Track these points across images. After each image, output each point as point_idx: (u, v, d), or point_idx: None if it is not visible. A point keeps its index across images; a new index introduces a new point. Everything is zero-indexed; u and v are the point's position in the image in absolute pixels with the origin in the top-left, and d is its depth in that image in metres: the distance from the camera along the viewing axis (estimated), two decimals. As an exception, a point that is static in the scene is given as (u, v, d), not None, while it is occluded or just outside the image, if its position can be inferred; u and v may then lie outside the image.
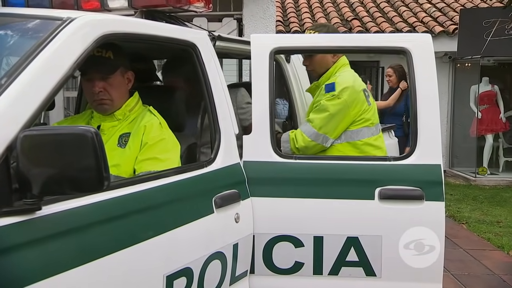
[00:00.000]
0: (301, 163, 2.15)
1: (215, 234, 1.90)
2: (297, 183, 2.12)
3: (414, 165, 2.13)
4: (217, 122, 2.06)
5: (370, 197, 2.07)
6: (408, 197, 2.09)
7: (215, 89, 2.07)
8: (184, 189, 1.79)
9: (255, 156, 2.15)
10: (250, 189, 2.12)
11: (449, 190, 7.67)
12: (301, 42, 2.35)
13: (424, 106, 2.21)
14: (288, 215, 2.11)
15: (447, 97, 9.24)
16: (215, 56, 2.13)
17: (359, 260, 2.12)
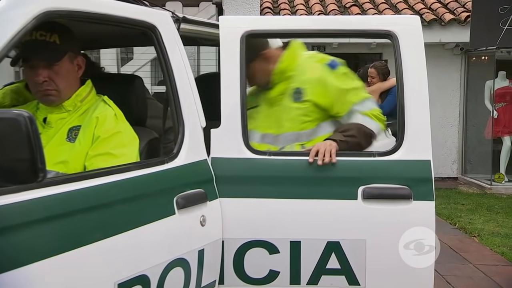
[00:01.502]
0: (275, 159, 2.20)
1: (177, 238, 1.95)
2: (271, 182, 2.15)
3: (401, 161, 2.21)
4: (180, 113, 2.11)
5: (352, 196, 2.12)
6: (395, 196, 2.15)
7: (179, 76, 2.13)
8: (140, 187, 1.83)
9: (224, 152, 2.20)
10: (219, 189, 2.17)
11: (461, 199, 7.77)
12: (278, 24, 2.42)
13: (412, 96, 2.27)
14: (261, 218, 2.16)
15: (459, 94, 9.38)
16: (180, 41, 2.18)
17: (341, 267, 2.15)
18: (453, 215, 6.74)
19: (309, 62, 2.44)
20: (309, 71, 2.41)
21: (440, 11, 9.02)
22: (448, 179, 9.44)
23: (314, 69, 2.41)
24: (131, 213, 1.77)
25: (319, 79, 2.37)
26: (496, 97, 8.55)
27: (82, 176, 1.69)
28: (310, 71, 2.40)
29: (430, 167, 2.25)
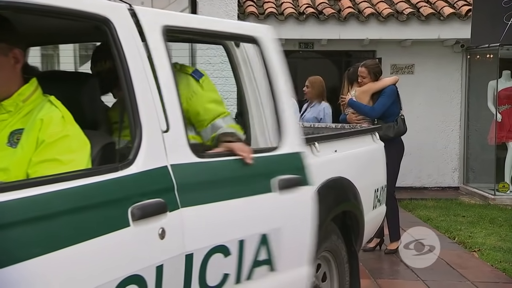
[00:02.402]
0: (212, 162, 2.44)
1: (132, 253, 1.96)
2: (217, 184, 2.40)
3: (288, 154, 2.81)
4: (137, 115, 2.12)
5: (270, 189, 2.60)
6: (294, 185, 2.73)
7: (136, 75, 2.14)
8: (88, 197, 1.84)
9: (181, 157, 2.26)
10: (181, 198, 2.20)
11: (462, 211, 7.86)
12: (193, 22, 2.55)
13: (282, 98, 2.86)
14: (216, 222, 2.35)
15: (460, 96, 9.50)
16: (138, 36, 2.20)
17: (267, 257, 2.57)
18: (452, 228, 6.81)
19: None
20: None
21: (438, 4, 9.14)
22: (448, 189, 9.54)
23: (181, 78, 2.69)
24: (78, 225, 1.78)
25: (187, 88, 2.71)
26: (500, 99, 8.67)
27: (22, 184, 1.70)
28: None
29: (302, 158, 2.87)
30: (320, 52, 9.94)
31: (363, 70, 5.71)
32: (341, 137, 3.72)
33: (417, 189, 9.49)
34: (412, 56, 9.41)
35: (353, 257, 3.64)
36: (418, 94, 9.42)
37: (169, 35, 2.34)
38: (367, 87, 5.69)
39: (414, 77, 9.45)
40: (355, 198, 3.56)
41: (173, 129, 2.26)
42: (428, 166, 9.54)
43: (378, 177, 4.15)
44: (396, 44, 9.37)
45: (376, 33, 8.94)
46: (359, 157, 3.89)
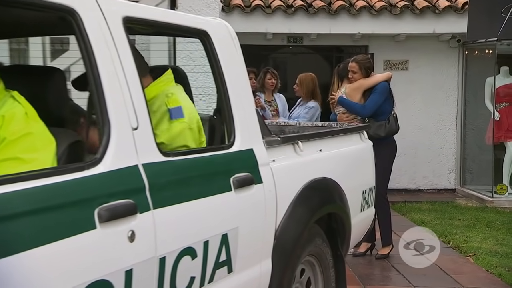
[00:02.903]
0: (179, 160, 2.48)
1: (98, 257, 1.97)
2: (186, 184, 2.47)
3: (241, 152, 2.87)
4: (105, 111, 2.13)
5: (229, 188, 2.69)
6: (247, 183, 2.80)
7: (104, 68, 2.15)
8: (51, 197, 1.85)
9: (149, 156, 2.28)
10: (153, 199, 2.21)
11: (458, 214, 7.92)
12: (151, 14, 2.56)
13: (233, 90, 2.92)
14: (186, 223, 2.41)
15: (456, 94, 9.57)
16: (106, 28, 2.21)
17: (226, 258, 2.65)
18: (447, 232, 6.85)
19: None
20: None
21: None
22: (444, 191, 9.61)
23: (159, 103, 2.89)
24: (39, 227, 1.78)
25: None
26: (498, 96, 8.73)
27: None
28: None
29: (254, 155, 2.94)
30: (309, 47, 9.97)
31: (353, 65, 5.72)
32: (327, 136, 3.75)
33: (411, 191, 9.55)
34: (406, 52, 9.47)
35: (339, 261, 3.67)
36: (412, 92, 9.48)
37: (129, 26, 2.35)
38: (358, 84, 5.72)
39: (408, 73, 9.51)
40: (341, 200, 3.59)
41: (143, 127, 2.28)
42: (423, 167, 9.60)
43: (366, 178, 4.18)
44: (390, 39, 9.43)
45: (368, 27, 8.98)
46: (345, 156, 3.92)
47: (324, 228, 3.56)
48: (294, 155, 3.29)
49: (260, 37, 9.26)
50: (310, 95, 6.37)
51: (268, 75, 6.72)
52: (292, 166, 3.25)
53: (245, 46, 10.75)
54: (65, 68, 7.42)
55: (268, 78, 6.70)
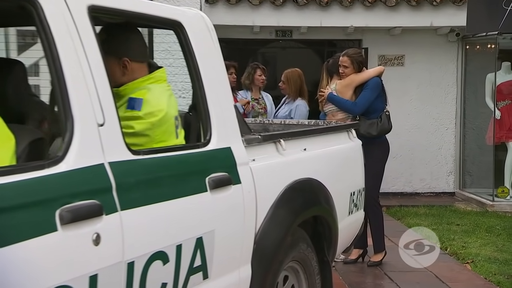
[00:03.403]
0: (148, 159, 2.49)
1: (60, 261, 1.97)
2: (156, 184, 2.47)
3: (217, 150, 2.89)
4: (68, 105, 2.13)
5: (203, 189, 2.70)
6: (223, 183, 2.82)
7: (67, 60, 2.15)
8: (8, 197, 1.84)
9: (116, 154, 2.29)
10: (120, 200, 2.22)
11: (456, 219, 7.96)
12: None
13: (209, 85, 2.94)
14: (157, 226, 2.42)
15: (455, 91, 9.63)
16: (69, 18, 2.22)
17: (201, 263, 2.66)
18: (444, 237, 6.89)
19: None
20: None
21: (431, -12, 9.23)
22: (443, 195, 9.66)
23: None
24: (-5, 229, 1.78)
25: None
26: (499, 94, 8.78)
27: None
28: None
29: (232, 153, 2.95)
30: (299, 41, 10.00)
31: (344, 60, 5.73)
32: (312, 134, 3.76)
33: (408, 195, 9.60)
34: (402, 46, 9.51)
35: (326, 268, 3.68)
36: (408, 89, 9.52)
37: (96, 16, 2.36)
38: (349, 80, 5.73)
39: (404, 69, 9.55)
40: (327, 202, 3.60)
41: (109, 122, 2.28)
42: (420, 169, 9.65)
43: (354, 179, 4.20)
44: (384, 33, 9.46)
45: (362, 20, 9.01)
46: (332, 156, 3.94)
47: (309, 232, 3.57)
48: (276, 154, 3.30)
49: (247, 30, 9.27)
50: (297, 93, 6.37)
51: (258, 71, 6.71)
52: (273, 166, 3.26)
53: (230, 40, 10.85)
54: (35, 61, 7.38)
55: (258, 74, 6.70)
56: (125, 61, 2.85)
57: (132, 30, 2.94)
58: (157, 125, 2.77)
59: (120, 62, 2.84)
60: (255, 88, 6.76)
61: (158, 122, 2.77)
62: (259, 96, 6.75)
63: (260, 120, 5.12)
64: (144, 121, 2.73)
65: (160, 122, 2.78)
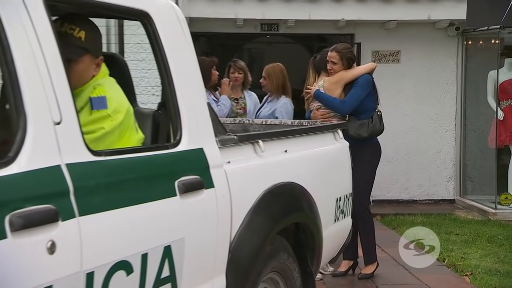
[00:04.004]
0: (111, 160, 2.49)
1: (10, 271, 1.95)
2: (119, 187, 2.47)
3: (188, 151, 2.89)
4: (20, 101, 2.13)
5: (172, 193, 2.71)
6: (195, 187, 2.83)
7: (19, 52, 2.15)
8: None
9: (74, 155, 2.29)
10: (79, 204, 2.22)
11: (456, 228, 8.01)
12: None
13: (180, 81, 2.94)
14: (120, 233, 2.41)
15: (455, 89, 9.69)
16: (22, 7, 2.21)
17: (170, 274, 2.65)
18: (442, 248, 6.92)
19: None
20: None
21: (429, -22, 9.29)
22: (442, 202, 9.71)
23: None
24: None
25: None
26: (502, 93, 8.83)
27: None
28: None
29: (205, 155, 2.96)
30: (286, 35, 10.03)
31: (333, 55, 5.75)
32: (293, 135, 3.77)
33: (404, 203, 9.64)
34: (397, 41, 9.58)
35: (309, 279, 3.69)
36: (404, 87, 9.58)
37: (52, 5, 2.35)
38: (338, 77, 5.75)
39: (400, 66, 9.61)
40: (309, 208, 3.61)
41: (67, 121, 2.27)
42: (417, 175, 9.69)
43: (341, 184, 4.21)
44: (378, 27, 9.51)
45: (354, 13, 9.06)
46: (316, 159, 3.94)
47: (290, 240, 3.58)
48: (254, 156, 3.31)
49: (229, 23, 9.29)
50: (280, 90, 6.35)
51: (231, 69, 6.71)
52: (251, 168, 3.27)
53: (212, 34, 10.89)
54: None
55: (231, 73, 6.69)
56: (100, 60, 2.91)
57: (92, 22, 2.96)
58: (124, 121, 2.81)
59: (96, 61, 2.90)
60: (235, 87, 6.76)
61: (124, 118, 2.81)
62: (241, 95, 6.74)
63: (240, 120, 5.12)
64: (113, 119, 2.77)
65: (126, 117, 2.82)
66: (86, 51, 2.85)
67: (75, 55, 2.78)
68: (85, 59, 2.85)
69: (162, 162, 2.78)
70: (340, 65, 5.74)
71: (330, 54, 5.77)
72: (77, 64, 2.80)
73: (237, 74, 6.68)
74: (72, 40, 2.78)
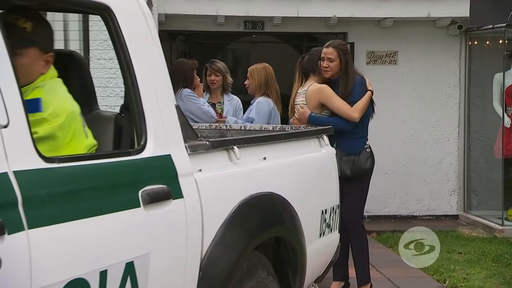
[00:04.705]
0: (66, 167, 2.48)
1: None
2: (75, 198, 2.45)
3: (154, 158, 2.89)
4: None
5: (136, 204, 2.70)
6: (161, 198, 2.81)
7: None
8: None
9: (23, 162, 2.27)
10: (28, 216, 2.21)
11: (459, 246, 8.02)
12: None
13: (145, 81, 2.95)
14: (75, 248, 2.39)
15: (458, 94, 9.71)
16: None
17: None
18: (443, 268, 6.93)
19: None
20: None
21: (428, -28, 9.33)
22: (444, 218, 9.72)
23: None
24: None
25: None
26: (509, 97, 8.86)
27: None
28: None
29: (173, 162, 2.96)
30: (272, 34, 10.05)
31: (330, 51, 5.66)
32: (273, 140, 3.77)
33: (402, 219, 9.64)
34: (394, 41, 9.62)
35: (291, 301, 3.69)
36: (402, 92, 9.61)
37: None
38: (319, 91, 5.64)
39: (397, 68, 9.65)
40: (291, 221, 3.61)
41: (15, 124, 2.26)
42: (417, 188, 9.71)
43: (327, 195, 4.21)
44: (374, 25, 9.56)
45: (347, 9, 9.08)
46: (299, 167, 3.95)
47: (271, 257, 3.58)
48: (229, 163, 3.30)
49: (209, 21, 9.30)
50: (262, 89, 6.32)
51: (208, 71, 6.71)
52: (225, 177, 3.27)
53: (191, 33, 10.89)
54: None
55: (208, 75, 6.69)
56: (50, 56, 2.89)
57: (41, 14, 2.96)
58: (65, 125, 2.80)
59: (45, 57, 2.88)
60: (213, 91, 6.76)
61: (66, 121, 2.80)
62: (219, 100, 6.74)
63: (216, 125, 5.12)
64: (50, 123, 2.77)
65: (68, 121, 2.81)
66: (31, 44, 2.83)
67: (18, 47, 2.72)
68: (30, 53, 2.83)
69: (124, 169, 2.77)
70: (337, 63, 5.65)
71: (326, 51, 5.70)
72: (21, 58, 2.76)
73: (214, 76, 6.67)
74: (15, 30, 2.75)
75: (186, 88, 6.10)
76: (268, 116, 6.25)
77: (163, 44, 3.25)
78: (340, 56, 5.67)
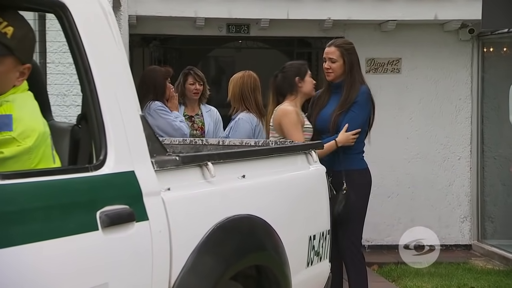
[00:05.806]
0: (17, 184, 2.49)
1: None
2: (19, 219, 2.46)
3: (115, 175, 2.90)
4: None
5: (93, 226, 2.70)
6: (122, 220, 2.83)
7: None
8: None
9: None
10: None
11: (471, 279, 8.05)
12: None
13: (105, 88, 2.96)
14: (24, 277, 2.40)
15: (470, 107, 9.74)
16: None
17: None
18: (453, 304, 6.95)
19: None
20: None
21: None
22: (455, 248, 9.73)
23: None
24: None
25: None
26: (526, 111, 8.92)
27: None
28: None
29: (136, 179, 2.97)
30: (259, 38, 10.08)
31: (332, 51, 5.68)
32: (254, 156, 3.79)
33: (408, 249, 9.64)
34: (397, 47, 9.68)
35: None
36: (407, 104, 9.65)
37: None
38: (290, 119, 5.65)
39: (401, 77, 9.71)
40: (273, 248, 3.62)
41: None
42: (424, 214, 9.71)
43: (315, 218, 4.23)
44: (374, 28, 9.61)
45: (343, 11, 9.11)
46: (283, 186, 3.97)
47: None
48: (202, 182, 3.31)
49: (187, 24, 9.33)
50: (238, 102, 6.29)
51: (190, 79, 6.70)
52: (197, 197, 3.28)
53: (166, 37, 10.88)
54: None
55: (190, 83, 6.69)
56: (27, 69, 2.93)
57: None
58: (34, 148, 2.80)
59: (22, 68, 2.91)
60: (190, 102, 6.75)
61: (35, 144, 2.80)
62: (197, 112, 6.76)
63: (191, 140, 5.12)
64: (19, 144, 2.76)
65: (38, 144, 2.81)
66: (9, 52, 2.84)
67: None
68: (6, 61, 2.85)
69: (79, 187, 2.77)
70: (340, 64, 5.65)
71: (328, 50, 5.73)
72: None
73: (198, 85, 6.68)
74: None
75: (155, 100, 6.11)
76: (251, 135, 6.21)
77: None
78: (343, 56, 5.69)
